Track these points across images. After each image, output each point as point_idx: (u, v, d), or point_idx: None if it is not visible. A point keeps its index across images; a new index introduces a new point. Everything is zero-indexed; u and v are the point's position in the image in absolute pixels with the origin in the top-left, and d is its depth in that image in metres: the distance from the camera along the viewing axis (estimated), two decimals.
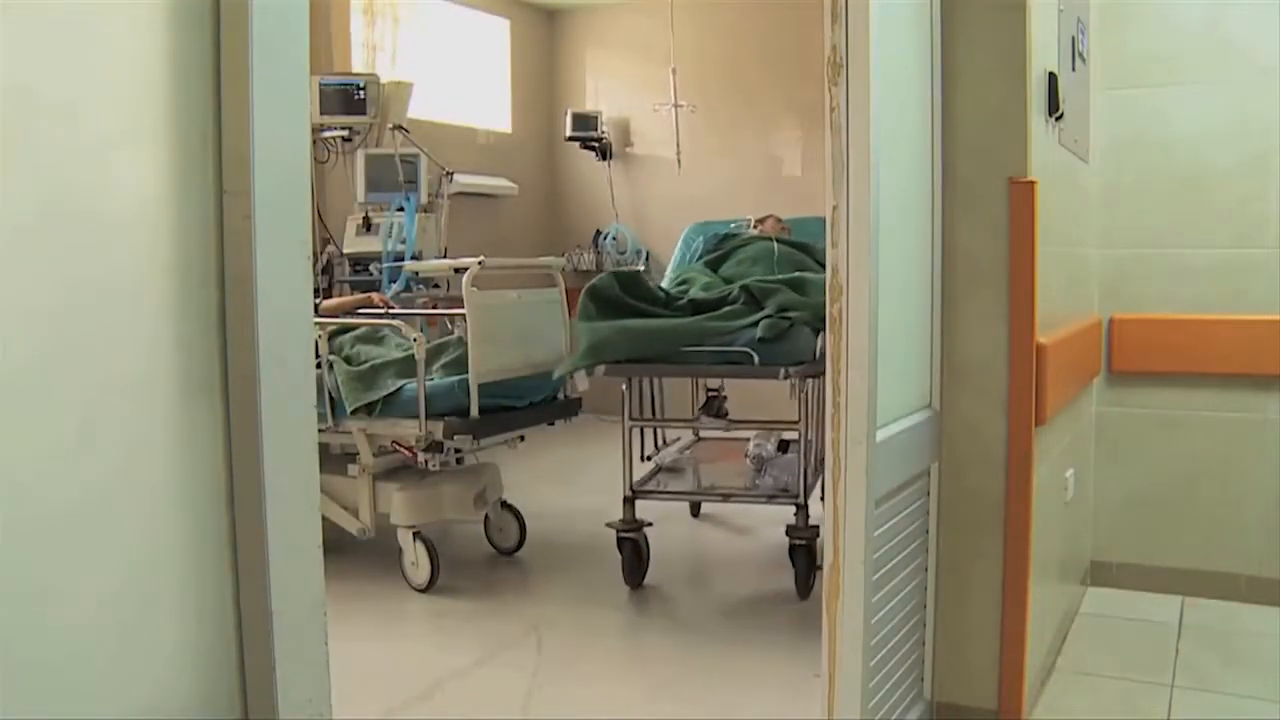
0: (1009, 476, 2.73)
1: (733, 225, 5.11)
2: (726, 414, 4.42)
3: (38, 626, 0.71)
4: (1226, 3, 3.88)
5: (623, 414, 4.04)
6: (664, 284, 4.36)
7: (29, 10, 0.72)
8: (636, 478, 4.13)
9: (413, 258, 5.57)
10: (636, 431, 4.25)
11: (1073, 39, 3.29)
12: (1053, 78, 2.94)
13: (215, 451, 0.84)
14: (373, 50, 6.60)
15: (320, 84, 5.58)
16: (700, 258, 4.73)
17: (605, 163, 7.95)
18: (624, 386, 4.01)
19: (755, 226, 4.95)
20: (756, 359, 3.67)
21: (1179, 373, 3.99)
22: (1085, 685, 3.18)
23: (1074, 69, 3.31)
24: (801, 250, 4.49)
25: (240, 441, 0.84)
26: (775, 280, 3.95)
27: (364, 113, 5.76)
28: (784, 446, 4.57)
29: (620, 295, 3.86)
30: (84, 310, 0.75)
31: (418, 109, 6.21)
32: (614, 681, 3.26)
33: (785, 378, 3.62)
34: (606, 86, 8.08)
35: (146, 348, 0.80)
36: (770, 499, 4.04)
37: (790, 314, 3.71)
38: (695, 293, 4.06)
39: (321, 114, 5.58)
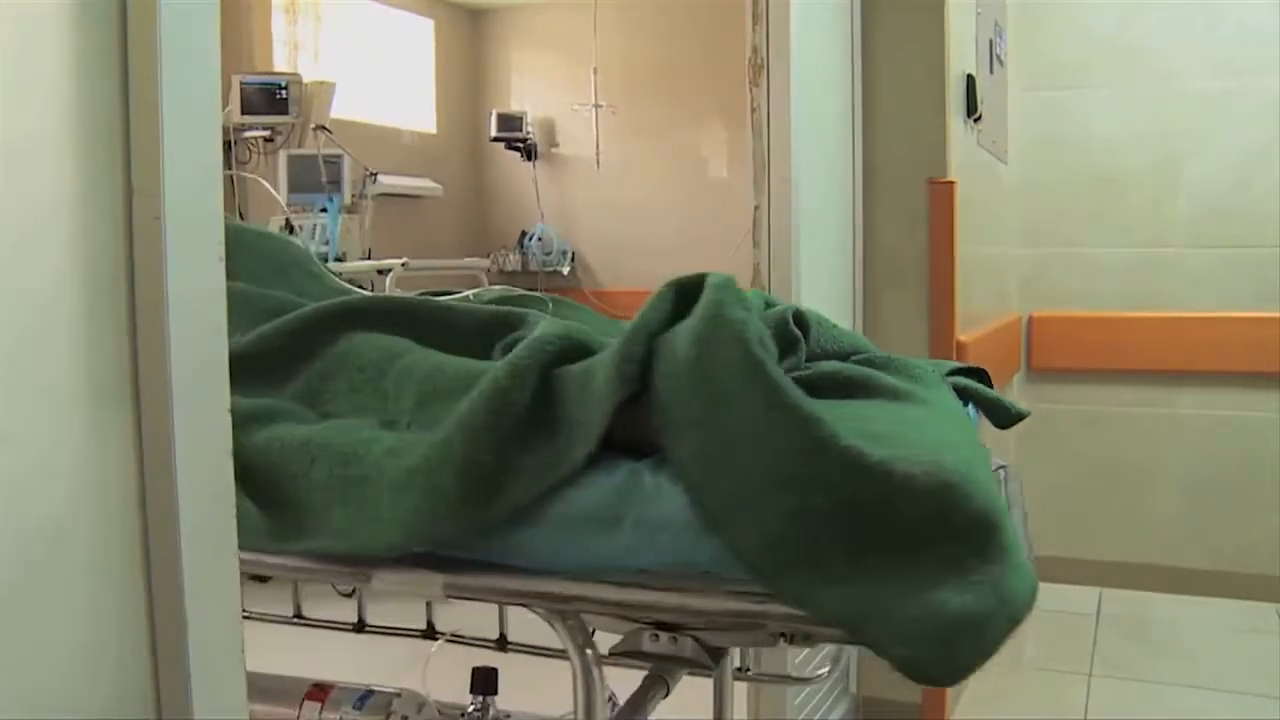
0: None
1: None
2: None
3: None
4: (1134, 10, 3.97)
5: None
6: None
7: None
8: None
9: (336, 260, 5.51)
10: None
11: (990, 42, 3.35)
12: (971, 80, 2.99)
13: (125, 456, 0.83)
14: (295, 49, 6.52)
15: (241, 83, 5.49)
16: None
17: (530, 163, 7.93)
18: None
19: None
20: None
21: (1095, 369, 4.08)
22: (1007, 676, 3.23)
23: (992, 71, 3.37)
24: None
25: (152, 446, 0.83)
26: None
27: (286, 112, 5.68)
28: None
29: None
30: None
31: (341, 109, 6.14)
32: None
33: None
34: (532, 87, 8.06)
35: (53, 351, 0.78)
36: None
37: None
38: None
39: (243, 114, 5.49)
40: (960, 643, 1.03)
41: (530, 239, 7.85)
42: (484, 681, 1.75)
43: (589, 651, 1.32)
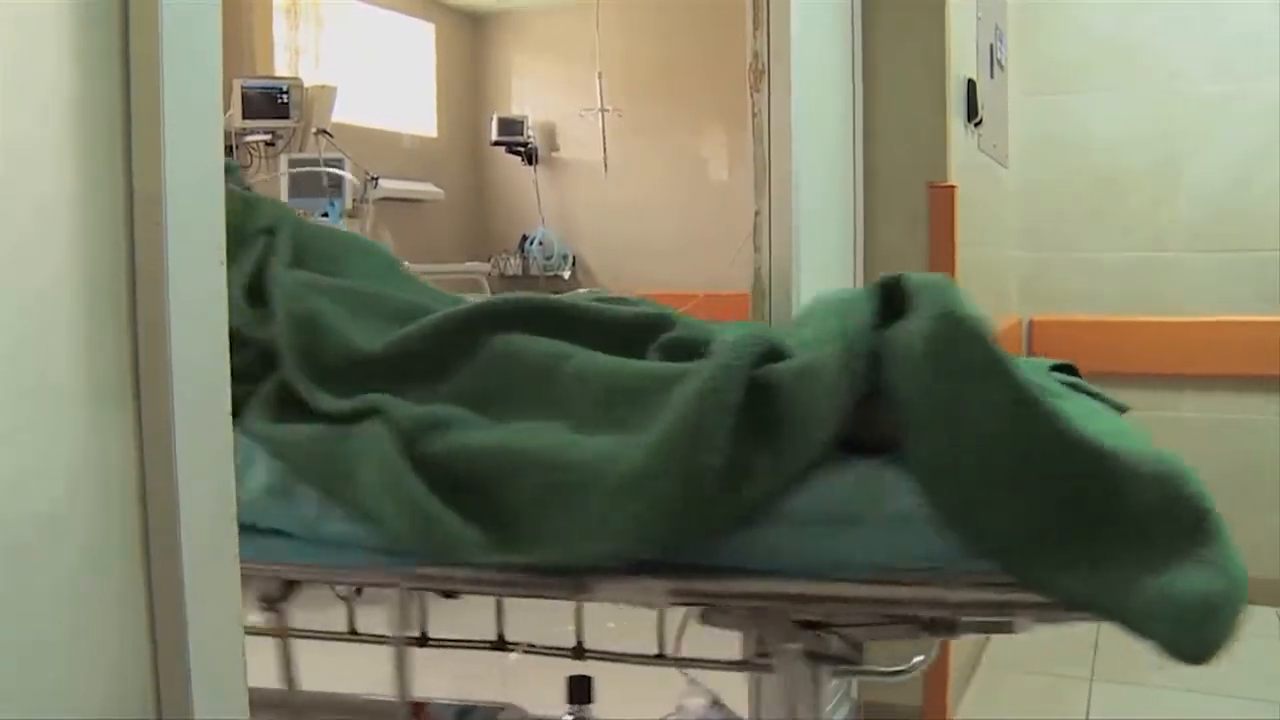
0: None
1: None
2: None
3: None
4: (1134, 11, 3.97)
5: None
6: None
7: None
8: None
9: None
10: None
11: (991, 46, 3.35)
12: (971, 84, 2.99)
13: (126, 456, 0.83)
14: (296, 53, 6.53)
15: (242, 87, 5.50)
16: None
17: (531, 167, 7.93)
18: None
19: None
20: None
21: (1096, 372, 4.06)
22: (1009, 681, 3.23)
23: (992, 75, 3.37)
24: None
25: (152, 446, 0.83)
26: None
27: (287, 117, 5.68)
28: None
29: None
30: None
31: (342, 113, 6.15)
32: None
33: None
34: (533, 91, 8.07)
35: (53, 352, 0.78)
36: None
37: None
38: None
39: (244, 118, 5.49)
40: (1209, 621, 1.10)
41: (531, 243, 7.84)
42: (580, 690, 1.72)
43: (792, 657, 1.31)
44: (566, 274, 7.48)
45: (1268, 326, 3.81)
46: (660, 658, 1.91)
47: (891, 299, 1.32)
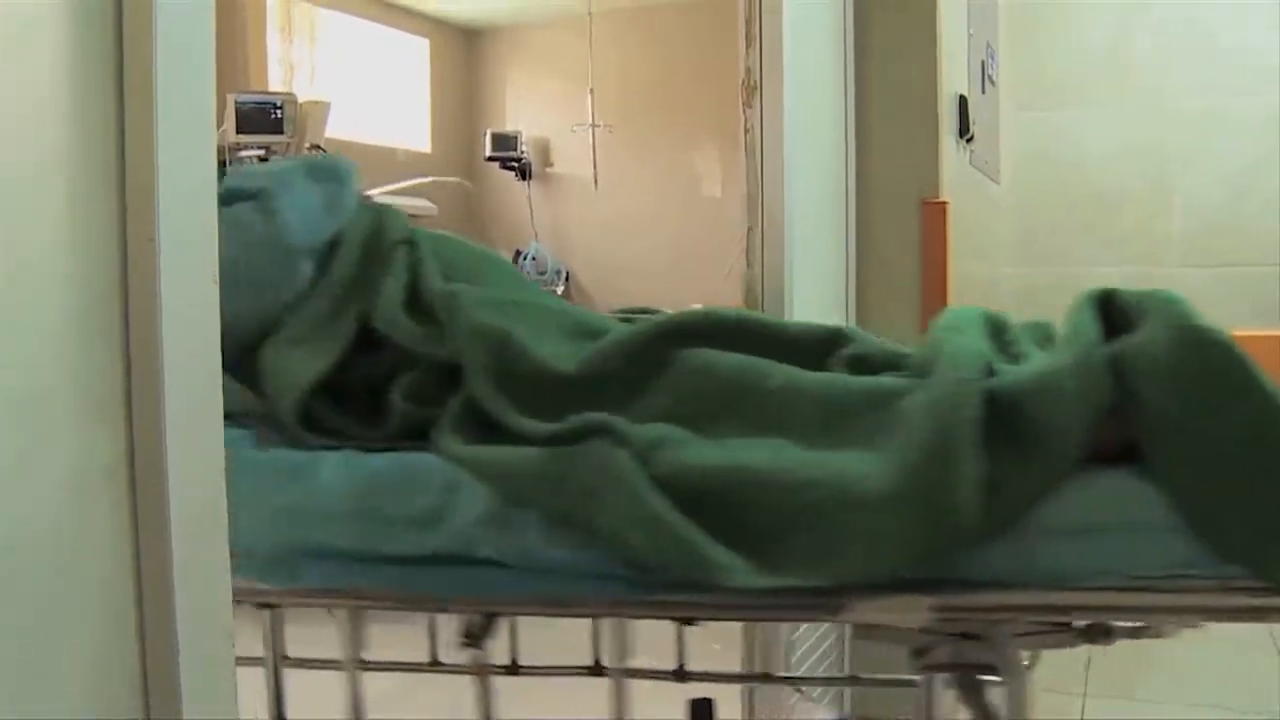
0: None
1: None
2: None
3: None
4: (1125, 29, 3.99)
5: None
6: None
7: None
8: None
9: None
10: None
11: (983, 63, 3.37)
12: (963, 100, 3.01)
13: (119, 479, 0.82)
14: (290, 69, 6.54)
15: (237, 102, 5.50)
16: None
17: (525, 183, 7.94)
18: None
19: None
20: None
21: None
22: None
23: (984, 91, 3.39)
24: None
25: (144, 466, 0.83)
26: None
27: (281, 132, 5.68)
28: None
29: None
30: None
31: (336, 128, 6.15)
32: None
33: None
34: (527, 106, 8.08)
35: (44, 370, 0.78)
36: None
37: None
38: None
39: (238, 133, 5.49)
40: None
41: (524, 258, 7.85)
42: (703, 713, 1.70)
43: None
44: (560, 289, 7.49)
45: (1264, 341, 3.81)
46: (767, 677, 1.89)
47: (1109, 313, 1.38)
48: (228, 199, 1.60)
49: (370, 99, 7.20)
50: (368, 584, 1.40)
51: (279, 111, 5.66)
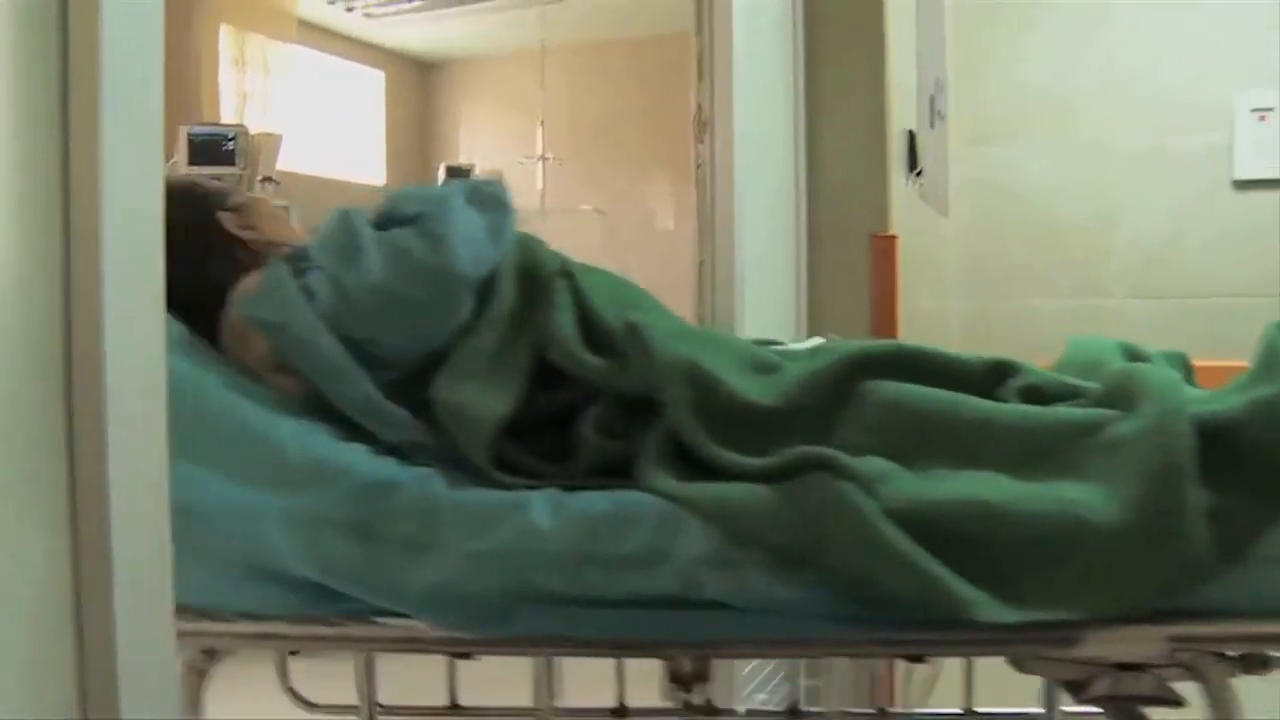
0: None
1: None
2: None
3: None
4: (1073, 69, 4.08)
5: None
6: None
7: None
8: None
9: None
10: None
11: (931, 98, 3.42)
12: (912, 136, 3.05)
13: (58, 506, 0.82)
14: (243, 100, 6.51)
15: (189, 134, 5.47)
16: None
17: None
18: None
19: None
20: None
21: None
22: None
23: (933, 126, 3.43)
24: None
25: (86, 496, 0.82)
26: None
27: (233, 164, 5.65)
28: None
29: None
30: None
31: (289, 161, 6.13)
32: None
33: None
34: (481, 139, 8.09)
35: None
36: None
37: None
38: None
39: (190, 164, 5.45)
40: None
41: None
42: None
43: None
44: None
45: (1214, 372, 3.88)
46: (883, 714, 1.89)
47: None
48: (381, 223, 1.57)
49: (326, 131, 7.18)
50: (589, 630, 1.33)
51: (230, 143, 5.63)
